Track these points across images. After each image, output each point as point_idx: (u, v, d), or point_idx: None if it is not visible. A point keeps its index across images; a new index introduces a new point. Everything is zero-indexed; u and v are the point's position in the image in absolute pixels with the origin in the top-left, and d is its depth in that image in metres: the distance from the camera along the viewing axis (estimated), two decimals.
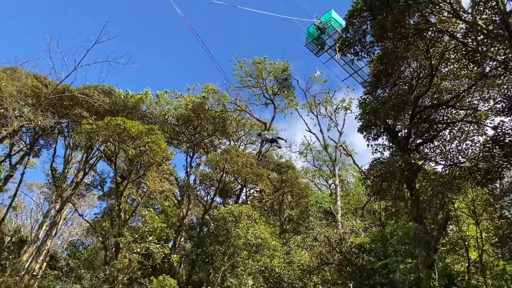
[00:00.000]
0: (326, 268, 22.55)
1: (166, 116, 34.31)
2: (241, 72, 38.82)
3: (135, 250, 24.53)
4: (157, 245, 24.73)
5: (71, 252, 38.34)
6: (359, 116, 19.22)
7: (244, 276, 24.12)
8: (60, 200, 31.88)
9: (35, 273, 30.85)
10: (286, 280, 21.76)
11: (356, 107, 20.34)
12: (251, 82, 39.18)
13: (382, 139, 19.37)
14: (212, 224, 29.44)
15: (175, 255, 26.94)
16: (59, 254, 38.83)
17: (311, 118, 43.05)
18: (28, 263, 29.43)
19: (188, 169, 34.44)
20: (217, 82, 49.43)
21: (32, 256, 29.83)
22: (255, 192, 38.20)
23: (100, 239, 32.93)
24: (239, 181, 34.49)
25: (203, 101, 35.12)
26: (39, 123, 26.15)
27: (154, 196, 31.27)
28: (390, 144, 19.11)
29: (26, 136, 32.89)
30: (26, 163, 34.42)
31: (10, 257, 30.78)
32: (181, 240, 31.15)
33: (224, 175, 32.21)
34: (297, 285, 21.67)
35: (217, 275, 24.25)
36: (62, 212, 33.17)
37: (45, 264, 33.99)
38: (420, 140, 19.46)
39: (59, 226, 36.91)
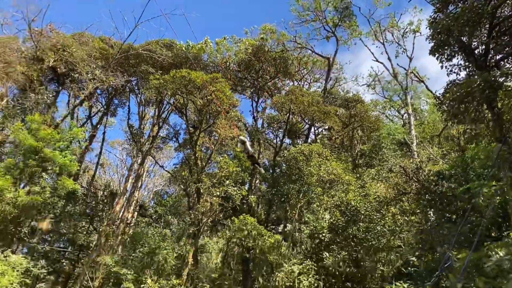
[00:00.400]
0: (403, 198, 22.26)
1: (228, 63, 34.42)
2: (298, 6, 37.34)
3: (214, 194, 25.87)
4: (235, 188, 25.82)
5: (157, 201, 41.37)
6: (430, 37, 17.83)
7: (320, 211, 24.63)
8: (140, 154, 34.07)
9: (128, 221, 33.96)
10: (363, 212, 21.86)
11: (426, 28, 18.86)
12: (310, 16, 37.64)
13: (457, 59, 17.91)
14: (284, 165, 29.96)
15: (252, 196, 28.02)
16: (147, 203, 42.13)
17: (377, 46, 40.83)
18: (121, 213, 32.34)
19: (255, 114, 34.80)
20: (275, 21, 48.04)
21: (123, 206, 32.67)
22: (323, 130, 37.96)
23: (182, 186, 35.13)
24: (307, 120, 34.34)
25: (262, 43, 34.53)
26: (111, 83, 27.60)
27: (226, 143, 32.24)
28: (466, 63, 17.66)
29: (102, 97, 35.04)
30: (105, 122, 36.94)
31: (105, 208, 33.98)
32: (256, 182, 32.17)
33: (290, 116, 32.19)
34: (374, 216, 21.73)
35: (294, 212, 25.00)
36: (144, 165, 35.55)
37: (136, 213, 37.20)
38: (500, 56, 17.73)
39: (143, 178, 39.76)
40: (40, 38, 26.68)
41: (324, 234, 22.90)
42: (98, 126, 35.36)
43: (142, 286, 22.67)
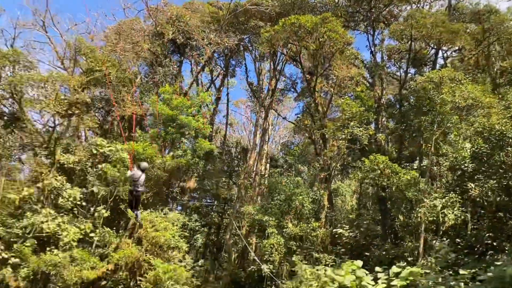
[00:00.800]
0: None
1: None
2: None
3: (340, 138, 25.68)
4: (360, 129, 25.22)
5: (286, 151, 42.72)
6: None
7: (459, 141, 22.75)
8: (263, 109, 35.17)
9: (262, 173, 35.88)
10: (510, 135, 19.55)
11: None
12: None
13: None
14: (412, 97, 28.14)
15: (380, 134, 27.10)
16: (276, 155, 43.81)
17: None
18: (254, 166, 34.26)
19: (372, 48, 32.73)
20: None
21: (256, 160, 34.50)
22: (453, 52, 34.21)
23: (306, 135, 35.59)
24: (432, 45, 31.25)
25: None
26: (226, 44, 28.59)
27: (345, 84, 31.32)
28: None
29: (219, 61, 36.62)
30: (227, 84, 38.73)
31: (240, 164, 36.35)
32: (383, 120, 30.88)
33: (412, 43, 29.61)
34: None
35: (429, 145, 23.52)
36: (268, 119, 36.73)
37: (267, 165, 39.06)
38: None
39: (269, 131, 41.23)
40: (157, 14, 28.69)
41: (466, 165, 21.23)
42: (221, 88, 37.30)
43: (284, 230, 24.10)
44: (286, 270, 23.39)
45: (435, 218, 20.32)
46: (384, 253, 23.48)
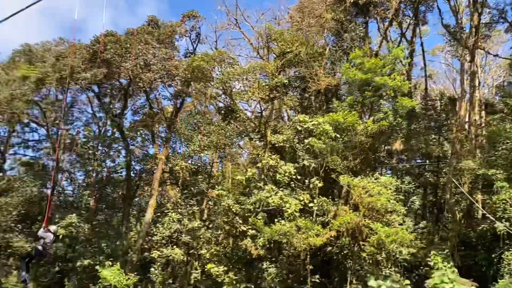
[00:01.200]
0: None
1: None
2: None
3: None
4: None
5: (504, 93, 36.71)
6: None
7: None
8: (467, 51, 30.98)
9: (478, 123, 31.89)
10: None
11: None
12: None
13: None
14: None
15: None
16: (492, 100, 38.14)
17: None
18: (467, 117, 30.65)
19: None
20: None
21: (467, 110, 30.77)
22: None
23: None
24: None
25: None
26: None
27: None
28: None
29: (407, 10, 33.68)
30: (419, 34, 35.48)
31: (449, 116, 33.05)
32: None
33: None
34: None
35: None
36: (475, 61, 32.21)
37: (483, 112, 34.50)
38: None
39: (479, 75, 36.20)
40: None
41: None
42: (413, 40, 34.44)
43: None
44: None
45: None
46: None
